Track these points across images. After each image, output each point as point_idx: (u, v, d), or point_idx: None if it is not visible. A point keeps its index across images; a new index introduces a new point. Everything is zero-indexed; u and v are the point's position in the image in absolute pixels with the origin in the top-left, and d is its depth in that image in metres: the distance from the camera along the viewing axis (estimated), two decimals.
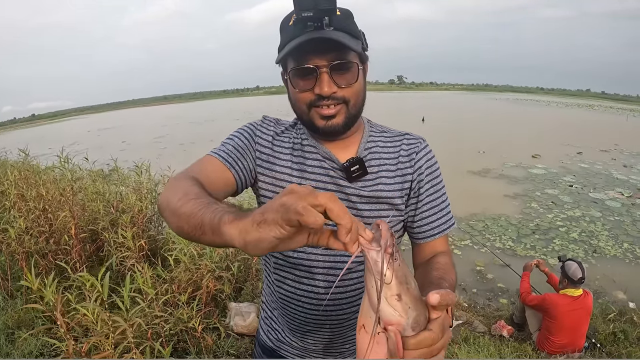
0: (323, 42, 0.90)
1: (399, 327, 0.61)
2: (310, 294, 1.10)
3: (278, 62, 1.02)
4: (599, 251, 6.75)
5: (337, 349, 1.20)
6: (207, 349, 2.69)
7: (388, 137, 1.13)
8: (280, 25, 0.99)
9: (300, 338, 1.19)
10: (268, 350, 1.30)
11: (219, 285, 3.14)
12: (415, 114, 26.00)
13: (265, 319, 1.31)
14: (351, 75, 0.96)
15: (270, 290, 1.22)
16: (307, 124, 1.03)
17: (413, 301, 0.62)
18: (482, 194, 9.69)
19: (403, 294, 0.61)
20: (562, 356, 3.47)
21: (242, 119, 31.78)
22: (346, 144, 1.08)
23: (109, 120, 42.91)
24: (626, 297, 5.33)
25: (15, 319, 3.00)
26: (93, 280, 1.91)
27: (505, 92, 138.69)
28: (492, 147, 15.86)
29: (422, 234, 1.11)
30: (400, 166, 1.09)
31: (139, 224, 4.08)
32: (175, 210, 0.78)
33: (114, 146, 18.85)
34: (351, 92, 0.98)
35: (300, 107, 1.00)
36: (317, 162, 1.07)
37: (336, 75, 0.94)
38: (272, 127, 1.13)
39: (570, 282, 3.55)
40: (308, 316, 1.12)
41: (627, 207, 8.96)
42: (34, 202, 3.97)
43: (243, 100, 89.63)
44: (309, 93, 0.96)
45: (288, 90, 1.03)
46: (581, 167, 12.72)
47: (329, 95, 0.95)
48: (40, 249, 3.50)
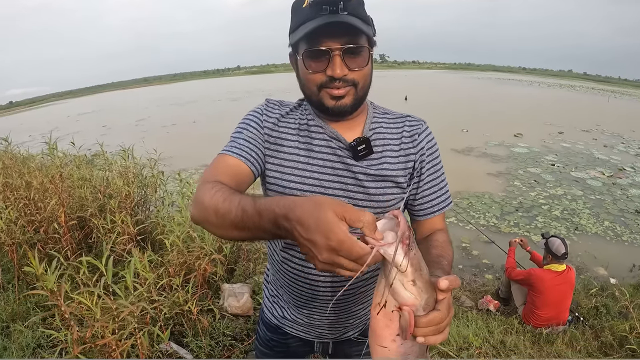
0: (338, 26, 0.94)
1: (413, 308, 0.68)
2: (318, 272, 1.12)
3: (292, 44, 1.05)
4: (581, 229, 6.91)
5: (342, 324, 1.26)
6: (203, 331, 2.72)
7: (391, 118, 1.17)
8: (292, 6, 1.02)
9: (306, 315, 1.23)
10: (272, 327, 1.35)
11: (213, 268, 3.16)
12: (398, 93, 25.92)
13: (270, 297, 1.35)
14: (362, 59, 1.00)
15: (277, 268, 1.24)
16: (316, 104, 1.06)
17: (425, 285, 0.69)
18: (466, 172, 9.77)
19: (417, 280, 0.67)
20: (547, 329, 3.59)
21: (223, 99, 31.35)
22: (351, 124, 1.12)
23: (89, 104, 41.99)
24: (607, 273, 5.49)
25: (9, 312, 2.96)
26: (97, 263, 1.91)
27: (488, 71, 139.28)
28: (475, 125, 15.94)
29: (422, 211, 1.16)
30: (403, 146, 1.13)
31: (127, 209, 4.05)
32: (216, 215, 0.82)
33: (95, 131, 18.47)
34: (361, 75, 1.01)
35: (311, 87, 1.03)
36: (324, 142, 1.10)
37: (348, 58, 0.98)
38: (276, 109, 1.16)
39: (554, 257, 3.66)
40: (315, 293, 1.16)
41: (608, 186, 9.15)
42: (23, 190, 3.90)
43: (224, 81, 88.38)
44: (320, 74, 0.99)
45: (297, 70, 1.06)
46: (563, 147, 12.89)
47: (340, 77, 0.98)
48: (28, 239, 3.44)
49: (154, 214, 4.50)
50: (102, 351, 1.99)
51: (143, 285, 2.15)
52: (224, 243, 3.64)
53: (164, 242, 3.33)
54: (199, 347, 2.67)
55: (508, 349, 3.23)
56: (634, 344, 3.15)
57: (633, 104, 32.91)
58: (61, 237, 3.49)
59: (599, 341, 3.45)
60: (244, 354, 2.74)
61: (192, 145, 12.96)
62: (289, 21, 1.04)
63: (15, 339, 2.66)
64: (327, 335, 1.29)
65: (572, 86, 55.29)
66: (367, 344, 0.82)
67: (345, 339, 1.31)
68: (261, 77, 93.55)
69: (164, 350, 2.53)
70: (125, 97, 53.27)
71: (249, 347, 2.80)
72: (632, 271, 5.61)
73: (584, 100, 33.24)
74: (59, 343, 2.24)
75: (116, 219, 3.44)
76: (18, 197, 3.80)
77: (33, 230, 3.56)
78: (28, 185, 4.02)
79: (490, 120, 17.67)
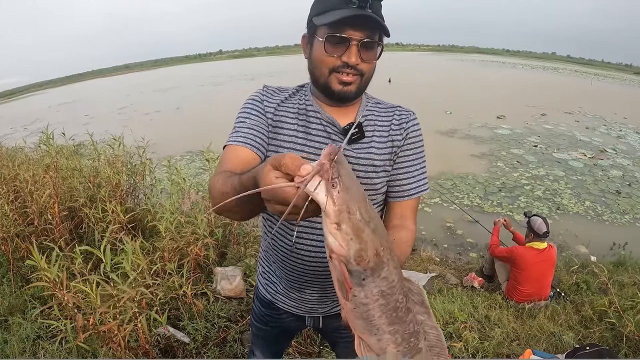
0: (363, 20, 1.04)
1: (341, 257, 0.64)
2: (309, 247, 1.21)
3: (313, 26, 1.12)
4: (562, 208, 7.10)
5: (330, 298, 1.34)
6: (198, 314, 2.79)
7: (382, 108, 1.26)
8: None
9: (298, 289, 1.32)
10: (266, 303, 1.43)
11: (205, 252, 3.22)
12: (382, 75, 25.78)
13: (263, 273, 1.44)
14: (373, 53, 1.11)
15: (269, 244, 1.32)
16: (322, 85, 1.14)
17: (356, 232, 0.63)
18: (450, 154, 9.90)
19: (343, 223, 0.62)
20: (529, 304, 3.72)
21: (206, 84, 30.95)
22: (347, 111, 1.21)
23: (70, 93, 41.08)
24: (588, 251, 5.67)
25: (6, 305, 2.99)
26: (96, 251, 1.96)
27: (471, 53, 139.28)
28: (459, 107, 16.06)
29: (393, 193, 1.24)
30: (391, 133, 1.22)
31: (117, 198, 4.08)
32: (222, 198, 0.88)
33: (77, 120, 18.14)
34: (369, 67, 1.12)
35: (322, 69, 1.11)
36: (321, 127, 1.19)
37: (363, 50, 1.08)
38: (276, 95, 1.24)
39: (535, 235, 3.78)
40: (306, 267, 1.24)
41: (589, 167, 9.36)
42: (13, 183, 3.88)
43: (206, 65, 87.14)
44: (335, 59, 1.08)
45: (311, 51, 1.14)
46: (545, 128, 13.08)
47: (353, 65, 1.08)
48: (20, 232, 3.45)
49: (144, 202, 4.53)
50: (104, 337, 2.05)
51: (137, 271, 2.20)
52: (215, 227, 3.71)
53: (154, 228, 3.37)
54: (195, 329, 2.74)
55: (492, 323, 3.36)
56: (612, 318, 3.29)
57: (615, 87, 33.31)
58: (54, 228, 3.49)
59: (580, 315, 3.59)
60: (239, 334, 2.82)
61: (177, 131, 12.85)
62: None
63: (15, 332, 2.69)
64: (318, 309, 1.37)
65: (555, 68, 55.64)
66: None
67: (334, 313, 1.39)
68: (243, 61, 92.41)
69: (161, 333, 2.60)
70: (107, 84, 52.31)
71: (243, 328, 2.88)
72: (612, 249, 5.80)
73: (567, 82, 33.46)
74: (58, 333, 2.29)
75: (107, 208, 3.47)
76: (8, 190, 3.79)
77: (26, 222, 3.56)
78: (16, 177, 4.00)
79: (474, 103, 17.78)
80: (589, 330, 3.36)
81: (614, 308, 3.33)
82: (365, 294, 0.70)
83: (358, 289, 0.69)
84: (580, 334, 3.34)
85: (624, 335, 3.14)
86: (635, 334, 3.10)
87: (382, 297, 0.71)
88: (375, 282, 0.69)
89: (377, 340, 0.75)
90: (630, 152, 10.83)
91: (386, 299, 0.71)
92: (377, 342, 0.75)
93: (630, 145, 11.60)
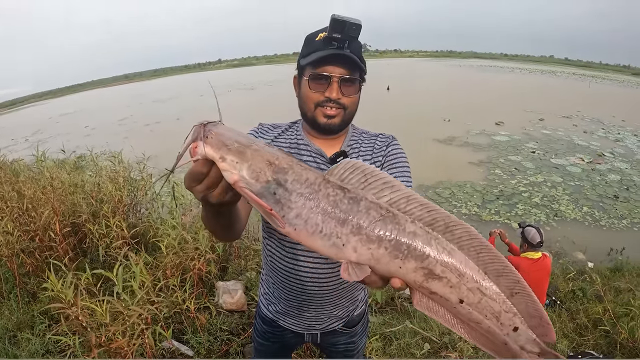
0: (341, 59, 1.17)
1: (240, 182, 0.69)
2: (305, 269, 1.31)
3: (300, 67, 1.25)
4: (560, 215, 7.16)
5: (327, 315, 1.44)
6: (201, 328, 2.86)
7: (366, 136, 1.38)
8: (306, 37, 1.25)
9: (296, 307, 1.42)
10: (268, 321, 1.53)
11: (207, 267, 3.30)
12: (381, 83, 25.99)
13: (265, 294, 1.53)
14: (354, 88, 1.23)
15: (269, 267, 1.42)
16: (310, 119, 1.26)
17: (238, 156, 0.69)
18: (448, 162, 9.99)
19: (225, 155, 0.69)
20: None
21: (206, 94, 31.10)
22: (334, 142, 1.32)
23: (70, 104, 41.25)
24: (585, 257, 5.72)
25: (14, 321, 3.05)
26: (110, 275, 2.04)
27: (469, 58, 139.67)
28: (457, 114, 16.19)
29: None
30: (374, 156, 1.33)
31: (120, 214, 4.14)
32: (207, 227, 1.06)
33: (78, 132, 18.28)
34: (350, 101, 1.23)
35: (309, 104, 1.24)
36: (311, 158, 1.30)
37: (344, 85, 1.20)
38: (271, 131, 1.36)
39: (530, 246, 3.84)
40: (305, 287, 1.34)
41: (587, 172, 9.43)
42: (16, 201, 3.94)
43: (206, 75, 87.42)
44: (319, 94, 1.21)
45: (300, 89, 1.27)
46: (543, 134, 13.17)
47: (335, 99, 1.20)
48: (25, 248, 3.52)
49: (146, 217, 4.60)
50: (114, 352, 2.13)
51: (142, 288, 2.28)
52: (216, 243, 3.78)
53: (157, 243, 3.44)
54: (198, 343, 2.81)
55: None
56: (607, 325, 3.34)
57: (613, 89, 33.45)
58: (57, 245, 3.57)
59: (575, 323, 3.65)
60: (241, 347, 2.89)
61: (177, 143, 12.78)
62: (300, 48, 1.27)
63: (24, 347, 2.76)
64: (316, 326, 1.46)
65: (553, 72, 55.80)
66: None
67: (331, 330, 1.49)
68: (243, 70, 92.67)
69: (166, 348, 2.67)
70: (107, 95, 52.47)
71: (245, 341, 2.95)
72: (610, 255, 5.87)
73: (565, 86, 33.62)
74: (67, 348, 2.37)
75: (110, 223, 3.55)
76: (11, 207, 3.85)
77: (28, 239, 3.62)
78: (20, 195, 4.07)
79: (472, 109, 17.91)
80: (584, 338, 3.42)
81: (608, 315, 3.39)
82: (289, 206, 0.69)
83: (280, 207, 0.70)
84: (574, 341, 3.40)
85: (618, 342, 3.20)
86: (629, 341, 3.16)
87: (307, 198, 0.69)
88: (288, 189, 0.70)
89: (352, 250, 0.69)
90: (628, 155, 10.92)
91: (314, 200, 0.69)
92: (353, 252, 0.69)
93: (628, 148, 11.70)
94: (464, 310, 0.71)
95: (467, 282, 0.69)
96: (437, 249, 0.68)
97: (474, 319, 0.71)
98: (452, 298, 0.70)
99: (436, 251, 0.68)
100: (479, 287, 0.70)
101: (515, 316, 0.71)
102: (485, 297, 0.70)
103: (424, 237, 0.68)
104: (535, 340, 0.72)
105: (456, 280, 0.69)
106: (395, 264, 0.68)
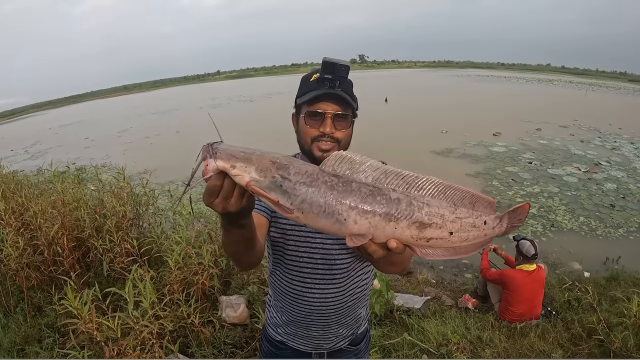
0: (333, 97, 1.30)
1: (251, 183, 0.84)
2: (313, 291, 1.42)
3: (297, 105, 1.38)
4: (557, 225, 7.21)
5: (334, 333, 1.53)
6: (206, 341, 2.94)
7: None
8: (302, 77, 1.40)
9: (304, 327, 1.50)
10: (275, 343, 1.60)
11: (210, 282, 3.37)
12: (379, 95, 26.03)
13: (271, 318, 1.61)
14: (346, 123, 1.34)
15: (278, 292, 1.52)
16: (307, 153, 1.37)
17: (245, 161, 0.84)
18: (446, 174, 9.86)
19: (234, 163, 0.83)
20: (520, 323, 3.86)
21: (205, 107, 31.15)
22: None
23: (70, 115, 41.15)
24: (581, 267, 5.76)
25: (22, 335, 3.13)
26: (122, 292, 2.13)
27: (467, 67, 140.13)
28: (454, 126, 16.19)
29: None
30: None
31: (124, 229, 4.20)
32: (227, 252, 1.24)
33: (78, 143, 18.27)
34: (343, 135, 1.35)
35: (306, 139, 1.36)
36: None
37: (337, 121, 1.33)
38: None
39: (524, 258, 3.94)
40: (312, 308, 1.45)
41: (584, 181, 9.49)
42: (23, 215, 4.01)
43: (205, 86, 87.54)
44: (315, 130, 1.33)
45: (297, 125, 1.40)
46: (540, 144, 13.21)
47: (329, 134, 1.32)
48: (31, 262, 3.58)
49: (148, 231, 4.66)
50: None
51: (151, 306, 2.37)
52: (218, 257, 3.85)
53: (161, 257, 3.51)
54: (203, 356, 2.89)
55: (484, 343, 3.50)
56: (601, 335, 3.42)
57: (610, 96, 33.54)
58: (64, 260, 3.63)
59: (570, 333, 3.73)
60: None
61: (177, 156, 12.87)
62: (297, 89, 1.40)
63: None
64: (323, 345, 1.54)
65: (550, 80, 55.72)
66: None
67: (338, 348, 1.57)
68: (241, 82, 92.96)
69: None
70: (106, 106, 52.39)
71: (248, 354, 3.03)
72: (606, 264, 5.90)
73: (561, 94, 33.56)
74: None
75: (114, 238, 3.62)
76: (19, 221, 3.92)
77: (37, 253, 3.68)
78: (26, 209, 4.14)
79: (470, 120, 17.90)
80: (578, 347, 3.50)
81: (602, 325, 3.46)
82: (295, 194, 0.85)
83: (288, 196, 0.85)
84: (569, 351, 3.48)
85: (612, 351, 3.28)
86: (622, 350, 3.23)
87: (309, 186, 0.85)
88: (292, 181, 0.85)
89: (353, 222, 0.85)
90: (625, 163, 10.99)
91: (315, 185, 0.85)
92: (354, 224, 0.85)
93: (625, 156, 11.77)
94: (456, 237, 0.91)
95: (448, 217, 0.90)
96: (418, 205, 0.87)
97: (463, 238, 0.93)
98: (444, 234, 0.90)
99: (417, 207, 0.87)
100: (457, 216, 0.91)
101: (480, 215, 0.95)
102: (462, 219, 0.92)
103: (406, 200, 0.87)
104: (495, 216, 0.98)
105: (440, 220, 0.89)
106: (391, 226, 0.86)
